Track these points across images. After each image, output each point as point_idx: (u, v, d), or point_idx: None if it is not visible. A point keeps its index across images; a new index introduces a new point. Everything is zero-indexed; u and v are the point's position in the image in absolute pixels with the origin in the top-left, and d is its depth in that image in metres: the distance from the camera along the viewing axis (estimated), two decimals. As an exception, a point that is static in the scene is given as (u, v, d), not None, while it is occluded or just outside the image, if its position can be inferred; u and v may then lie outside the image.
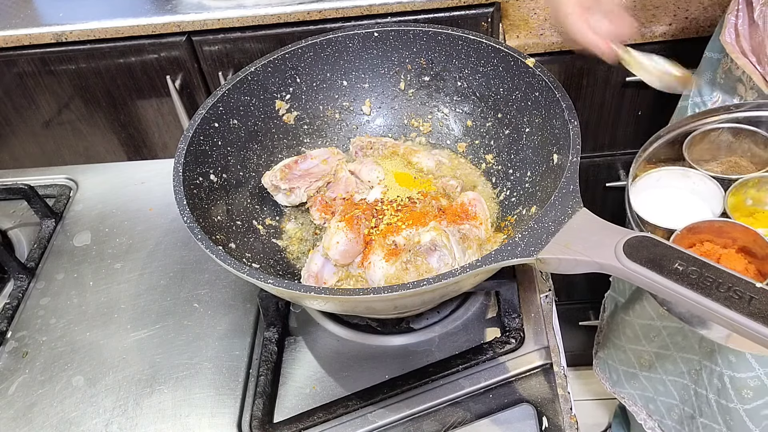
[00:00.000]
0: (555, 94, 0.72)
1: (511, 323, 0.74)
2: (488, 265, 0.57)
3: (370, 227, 0.74)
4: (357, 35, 0.86)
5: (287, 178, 0.82)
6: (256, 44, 1.19)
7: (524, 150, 0.80)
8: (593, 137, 1.30)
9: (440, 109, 0.89)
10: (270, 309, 0.75)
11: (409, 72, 0.89)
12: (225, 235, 0.74)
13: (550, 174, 0.73)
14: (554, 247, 0.56)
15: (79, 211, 0.96)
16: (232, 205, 0.78)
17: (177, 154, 0.72)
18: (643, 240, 0.53)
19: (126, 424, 0.71)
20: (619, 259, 0.52)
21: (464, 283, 0.63)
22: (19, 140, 1.37)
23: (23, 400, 0.75)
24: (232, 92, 0.80)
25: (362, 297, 0.60)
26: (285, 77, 0.85)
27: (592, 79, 1.20)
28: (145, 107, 1.30)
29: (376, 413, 0.69)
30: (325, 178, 0.83)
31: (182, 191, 0.68)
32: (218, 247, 0.63)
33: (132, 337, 0.79)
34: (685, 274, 0.49)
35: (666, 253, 0.51)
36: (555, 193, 0.60)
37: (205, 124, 0.77)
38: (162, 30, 1.17)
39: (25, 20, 1.21)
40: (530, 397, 0.69)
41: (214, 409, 0.72)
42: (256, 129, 0.84)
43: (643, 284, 0.51)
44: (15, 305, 0.84)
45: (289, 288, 0.59)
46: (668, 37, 1.13)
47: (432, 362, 0.72)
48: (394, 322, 0.77)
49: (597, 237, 0.55)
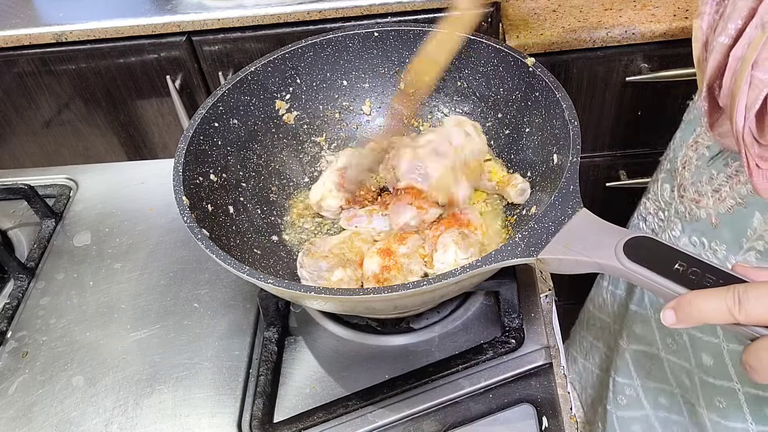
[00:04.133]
0: (555, 94, 0.72)
1: (511, 323, 0.74)
2: (488, 265, 0.57)
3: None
4: (357, 35, 0.86)
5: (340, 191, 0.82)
6: (256, 44, 1.19)
7: (524, 150, 0.80)
8: (593, 137, 1.30)
9: (440, 109, 0.89)
10: (270, 309, 0.75)
11: (409, 72, 0.88)
12: (225, 234, 0.74)
13: (550, 174, 0.73)
14: (554, 248, 0.56)
15: (79, 211, 0.96)
16: (232, 204, 0.78)
17: (177, 153, 0.72)
18: (643, 240, 0.53)
19: (126, 424, 0.71)
20: (619, 259, 0.52)
21: (464, 283, 0.63)
22: (19, 140, 1.38)
23: (23, 400, 0.75)
24: (232, 92, 0.80)
25: (362, 297, 0.60)
26: (285, 77, 0.85)
27: (592, 79, 1.20)
28: (145, 107, 1.30)
29: (376, 413, 0.69)
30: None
31: (182, 191, 0.68)
32: (218, 247, 0.63)
33: (132, 337, 0.79)
34: (685, 275, 0.49)
35: (666, 254, 0.51)
36: (555, 194, 0.60)
37: (205, 124, 0.77)
38: (162, 30, 1.18)
39: (25, 20, 1.21)
40: (530, 397, 0.69)
41: (214, 409, 0.72)
42: (256, 129, 0.84)
43: (643, 284, 0.51)
44: (15, 305, 0.84)
45: (289, 288, 0.59)
46: (668, 37, 1.13)
47: (432, 362, 0.72)
48: (394, 322, 0.77)
49: (597, 237, 0.55)
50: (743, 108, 0.57)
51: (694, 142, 0.77)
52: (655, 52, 1.16)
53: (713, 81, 0.63)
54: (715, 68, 0.61)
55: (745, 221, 0.67)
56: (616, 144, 1.32)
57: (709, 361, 0.75)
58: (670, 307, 0.48)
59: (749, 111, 0.57)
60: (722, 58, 0.60)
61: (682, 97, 1.21)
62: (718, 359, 0.73)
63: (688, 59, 0.81)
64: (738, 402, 0.73)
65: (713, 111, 0.66)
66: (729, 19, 0.59)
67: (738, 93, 0.57)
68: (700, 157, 0.74)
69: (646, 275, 0.50)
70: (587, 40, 1.14)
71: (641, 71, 1.18)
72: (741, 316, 0.45)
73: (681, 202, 0.76)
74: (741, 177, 0.67)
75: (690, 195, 0.74)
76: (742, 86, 0.57)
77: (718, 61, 0.61)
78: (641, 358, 0.90)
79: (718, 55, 0.60)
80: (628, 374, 0.93)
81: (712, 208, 0.71)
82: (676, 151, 0.81)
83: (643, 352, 0.89)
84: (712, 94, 0.64)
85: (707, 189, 0.72)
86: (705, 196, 0.72)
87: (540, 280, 0.79)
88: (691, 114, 0.82)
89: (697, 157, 0.75)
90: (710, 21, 0.65)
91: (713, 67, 0.61)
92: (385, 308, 0.68)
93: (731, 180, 0.69)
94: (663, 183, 0.83)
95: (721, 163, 0.70)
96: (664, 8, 1.16)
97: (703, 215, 0.72)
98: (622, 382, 0.95)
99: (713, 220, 0.71)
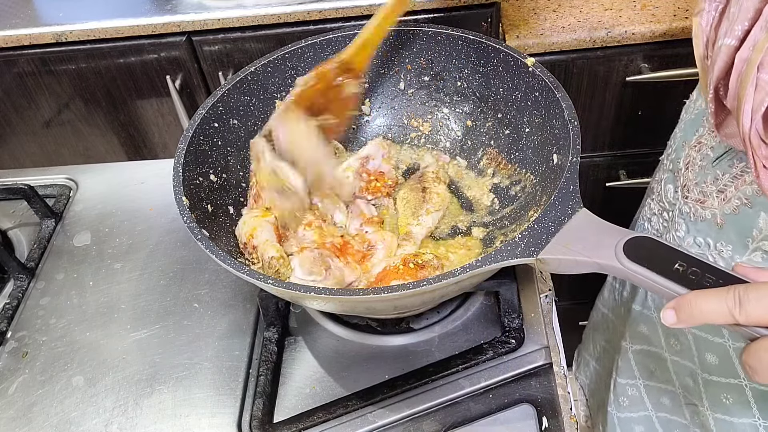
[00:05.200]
0: (555, 94, 0.72)
1: (511, 323, 0.74)
2: (488, 265, 0.57)
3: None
4: (356, 35, 0.86)
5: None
6: (256, 44, 1.19)
7: (524, 150, 0.80)
8: (593, 137, 1.30)
9: (440, 109, 0.89)
10: (270, 309, 0.75)
11: (409, 72, 0.89)
12: (225, 235, 0.74)
13: (550, 174, 0.73)
14: (554, 248, 0.56)
15: (79, 211, 0.96)
16: (232, 205, 0.78)
17: (177, 154, 0.72)
18: (643, 240, 0.53)
19: (126, 424, 0.71)
20: (619, 259, 0.52)
21: (464, 284, 0.63)
22: (19, 140, 1.37)
23: (23, 400, 0.75)
24: (231, 92, 0.80)
25: (362, 297, 0.60)
26: (285, 77, 0.85)
27: (592, 79, 1.20)
28: (145, 107, 1.30)
29: (376, 413, 0.69)
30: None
31: (182, 191, 0.68)
32: (218, 247, 0.63)
33: (132, 337, 0.79)
34: (685, 275, 0.49)
35: (666, 254, 0.51)
36: (555, 194, 0.60)
37: (205, 124, 0.77)
38: (162, 30, 1.18)
39: (25, 20, 1.21)
40: (530, 397, 0.69)
41: (214, 409, 0.72)
42: (255, 129, 0.84)
43: (643, 284, 0.51)
44: (15, 305, 0.84)
45: (289, 288, 0.59)
46: (668, 37, 1.13)
47: (432, 362, 0.72)
48: (394, 322, 0.77)
49: (597, 237, 0.55)
50: (749, 110, 0.57)
51: (697, 143, 0.76)
52: (655, 52, 1.16)
53: (719, 82, 0.62)
54: (722, 69, 0.61)
55: (751, 221, 0.67)
56: (616, 144, 1.31)
57: (714, 360, 0.74)
58: (670, 307, 0.48)
59: (755, 113, 0.57)
60: (728, 59, 0.60)
61: (682, 97, 1.21)
62: (724, 358, 0.73)
63: (688, 59, 0.81)
64: (746, 398, 0.73)
65: (719, 112, 0.65)
66: (735, 21, 0.59)
67: (744, 95, 0.57)
68: (704, 158, 0.74)
69: (646, 275, 0.50)
70: (587, 40, 1.14)
71: (641, 71, 1.18)
72: (741, 317, 0.45)
73: (685, 203, 0.76)
74: (746, 177, 0.67)
75: (694, 195, 0.74)
76: (747, 88, 0.56)
77: (724, 62, 0.60)
78: (645, 359, 0.89)
79: (725, 57, 0.60)
80: (631, 374, 0.93)
81: (717, 208, 0.70)
82: (678, 151, 0.81)
83: (646, 351, 0.88)
84: (718, 96, 0.64)
85: (712, 189, 0.71)
86: (710, 197, 0.72)
87: (540, 280, 0.79)
88: (691, 113, 0.81)
89: (700, 158, 0.75)
90: (709, 18, 0.64)
91: (720, 68, 0.61)
92: (385, 308, 0.68)
93: (736, 180, 0.68)
94: (666, 183, 0.82)
95: (726, 163, 0.70)
96: (664, 8, 1.16)
97: (708, 216, 0.72)
98: (624, 382, 0.95)
99: (718, 220, 0.71)
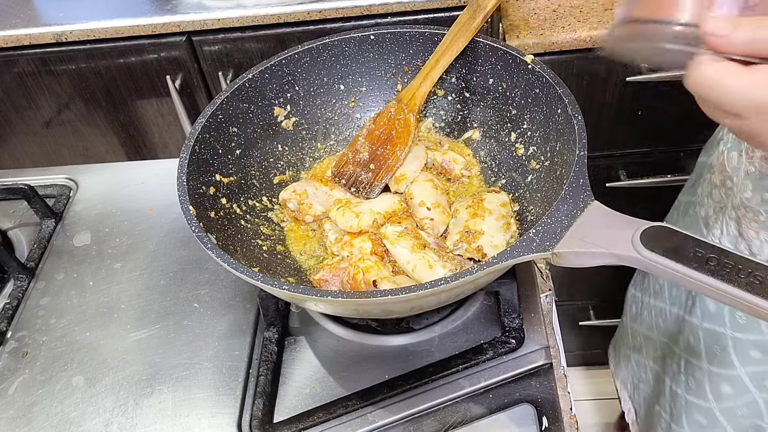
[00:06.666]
0: (556, 89, 0.72)
1: (511, 323, 0.74)
2: (505, 261, 0.56)
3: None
4: (353, 38, 0.86)
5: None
6: (256, 44, 1.19)
7: (526, 147, 0.80)
8: (593, 137, 1.30)
9: (438, 110, 0.89)
10: (270, 309, 0.75)
11: (407, 74, 0.88)
12: (232, 242, 0.73)
13: (554, 170, 0.73)
14: (570, 241, 0.55)
15: (79, 211, 0.96)
16: (234, 210, 0.78)
17: (179, 164, 0.71)
18: (660, 230, 0.52)
19: (126, 424, 0.71)
20: (637, 249, 0.51)
21: (480, 281, 0.63)
22: (19, 140, 1.38)
23: (23, 400, 0.75)
24: (230, 100, 0.80)
25: (380, 299, 0.59)
26: (282, 83, 0.85)
27: (592, 79, 1.20)
28: (145, 107, 1.30)
29: (376, 413, 0.69)
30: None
31: (188, 201, 0.68)
32: (227, 254, 0.63)
33: (132, 337, 0.79)
34: (704, 262, 0.49)
35: (684, 242, 0.51)
36: (565, 188, 0.60)
37: (205, 133, 0.77)
38: (162, 30, 1.18)
39: (25, 20, 1.21)
40: (530, 397, 0.69)
41: (214, 409, 0.72)
42: (255, 136, 0.84)
43: (663, 274, 0.51)
44: (15, 305, 0.84)
45: (291, 290, 0.59)
46: (668, 37, 1.13)
47: (432, 362, 0.72)
48: (394, 322, 0.77)
49: (612, 229, 0.54)
50: None
51: None
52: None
53: None
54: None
55: None
56: (616, 144, 1.32)
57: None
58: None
59: None
60: None
61: (681, 97, 1.21)
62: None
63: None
64: None
65: None
66: None
67: None
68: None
69: (666, 264, 0.50)
70: (587, 40, 1.14)
71: (641, 71, 1.18)
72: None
73: (750, 163, 0.76)
74: None
75: (759, 153, 0.74)
76: None
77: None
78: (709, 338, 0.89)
79: None
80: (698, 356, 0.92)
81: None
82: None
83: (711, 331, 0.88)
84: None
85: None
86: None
87: (540, 280, 0.79)
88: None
89: None
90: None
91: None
92: (402, 309, 0.67)
93: None
94: (729, 152, 0.83)
95: None
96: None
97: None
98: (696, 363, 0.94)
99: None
